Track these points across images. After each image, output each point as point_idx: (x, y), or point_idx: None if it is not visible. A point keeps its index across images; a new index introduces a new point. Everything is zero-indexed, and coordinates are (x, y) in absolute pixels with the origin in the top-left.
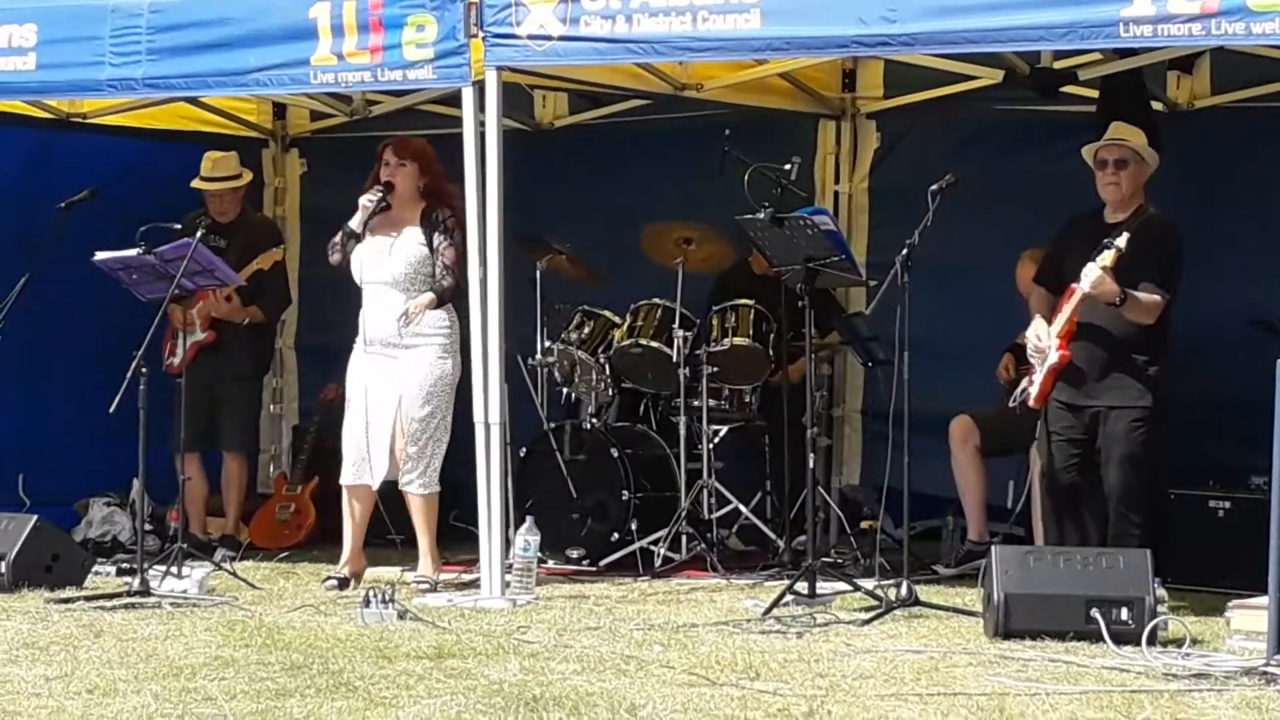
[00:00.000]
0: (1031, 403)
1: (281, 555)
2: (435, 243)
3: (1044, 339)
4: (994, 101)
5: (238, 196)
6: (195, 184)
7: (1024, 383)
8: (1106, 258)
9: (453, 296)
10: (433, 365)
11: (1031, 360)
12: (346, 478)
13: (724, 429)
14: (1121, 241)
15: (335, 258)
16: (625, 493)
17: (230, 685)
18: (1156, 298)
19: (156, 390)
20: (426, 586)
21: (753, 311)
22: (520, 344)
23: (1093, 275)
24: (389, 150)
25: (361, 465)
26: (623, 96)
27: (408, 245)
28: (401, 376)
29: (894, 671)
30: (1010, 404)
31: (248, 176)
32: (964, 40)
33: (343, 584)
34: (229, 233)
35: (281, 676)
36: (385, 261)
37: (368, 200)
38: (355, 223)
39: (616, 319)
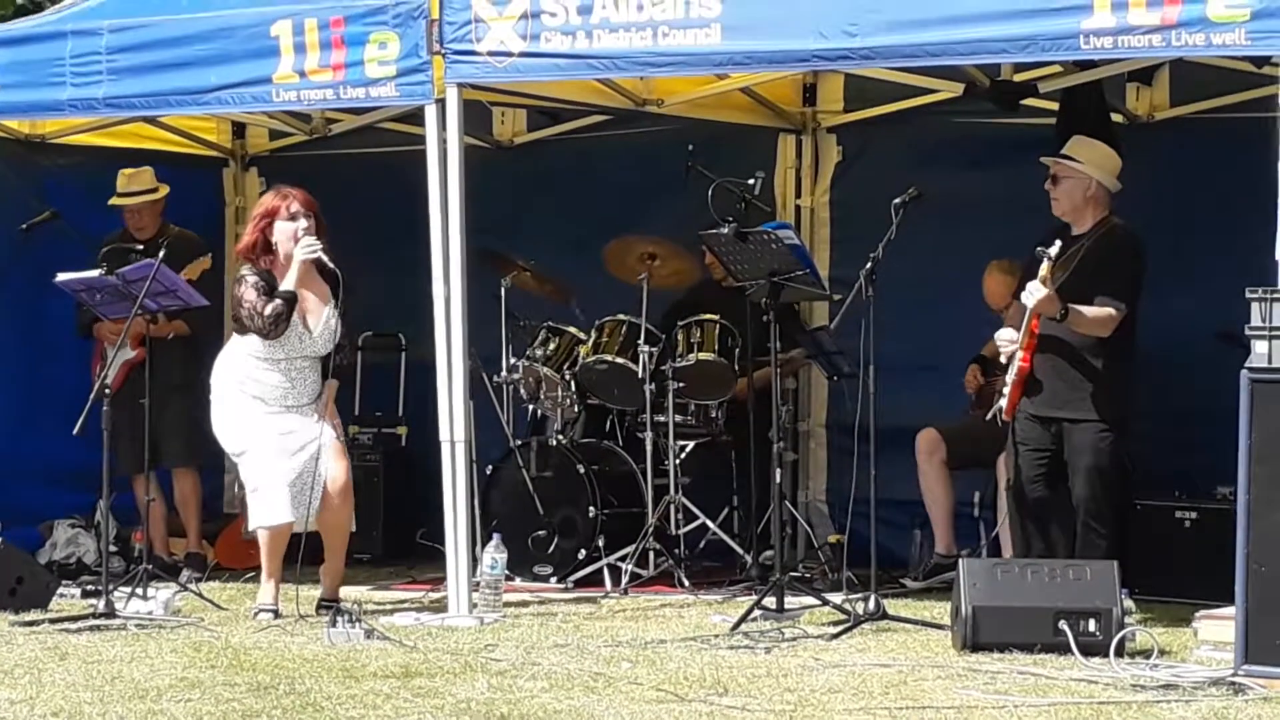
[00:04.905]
0: (1004, 415)
1: (248, 575)
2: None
3: (1014, 338)
4: (954, 115)
5: (155, 211)
6: (113, 201)
7: (997, 399)
8: (1043, 269)
9: None
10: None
11: (1004, 359)
12: (286, 517)
13: (690, 444)
14: (1053, 251)
15: (283, 329)
16: (592, 509)
17: (196, 707)
18: (1108, 311)
19: (96, 413)
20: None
21: (718, 326)
22: (485, 361)
23: (1034, 292)
24: (296, 202)
25: (307, 507)
26: (582, 113)
27: (329, 318)
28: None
29: (862, 686)
30: (988, 418)
31: (164, 190)
32: (924, 53)
33: (277, 615)
34: (150, 249)
35: (248, 697)
36: (307, 334)
37: (312, 252)
38: (291, 283)
39: (582, 335)
